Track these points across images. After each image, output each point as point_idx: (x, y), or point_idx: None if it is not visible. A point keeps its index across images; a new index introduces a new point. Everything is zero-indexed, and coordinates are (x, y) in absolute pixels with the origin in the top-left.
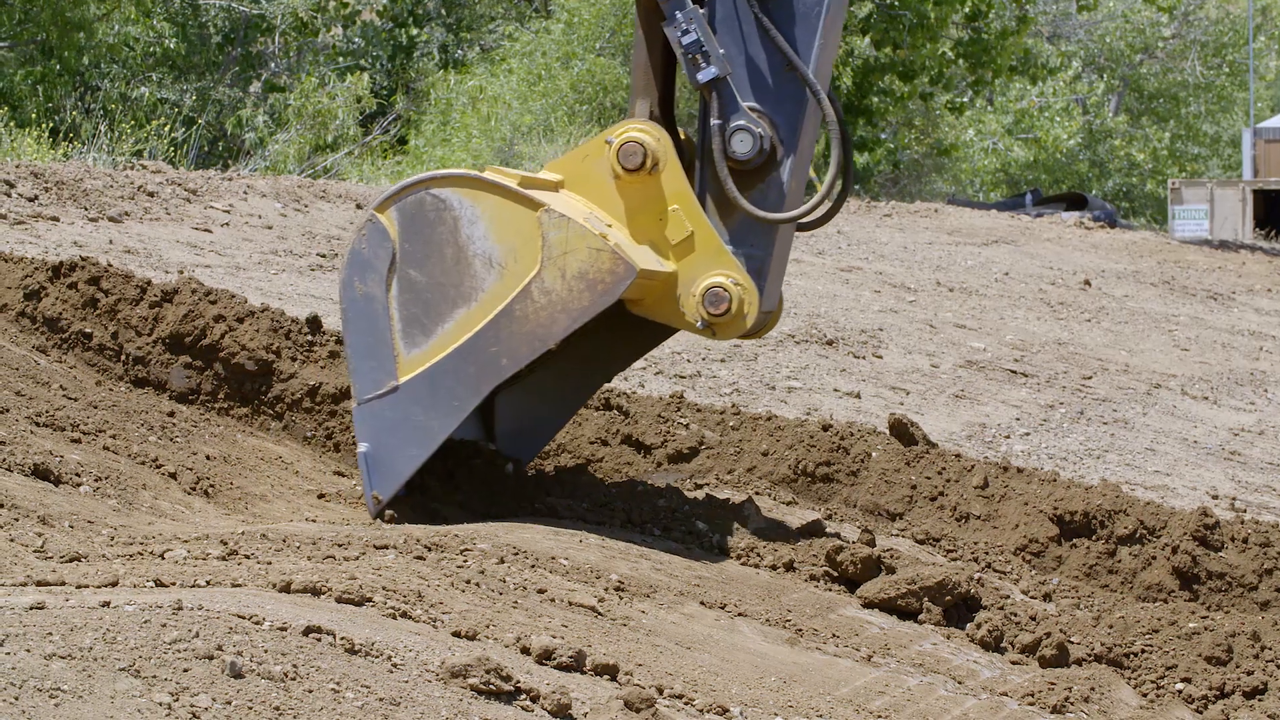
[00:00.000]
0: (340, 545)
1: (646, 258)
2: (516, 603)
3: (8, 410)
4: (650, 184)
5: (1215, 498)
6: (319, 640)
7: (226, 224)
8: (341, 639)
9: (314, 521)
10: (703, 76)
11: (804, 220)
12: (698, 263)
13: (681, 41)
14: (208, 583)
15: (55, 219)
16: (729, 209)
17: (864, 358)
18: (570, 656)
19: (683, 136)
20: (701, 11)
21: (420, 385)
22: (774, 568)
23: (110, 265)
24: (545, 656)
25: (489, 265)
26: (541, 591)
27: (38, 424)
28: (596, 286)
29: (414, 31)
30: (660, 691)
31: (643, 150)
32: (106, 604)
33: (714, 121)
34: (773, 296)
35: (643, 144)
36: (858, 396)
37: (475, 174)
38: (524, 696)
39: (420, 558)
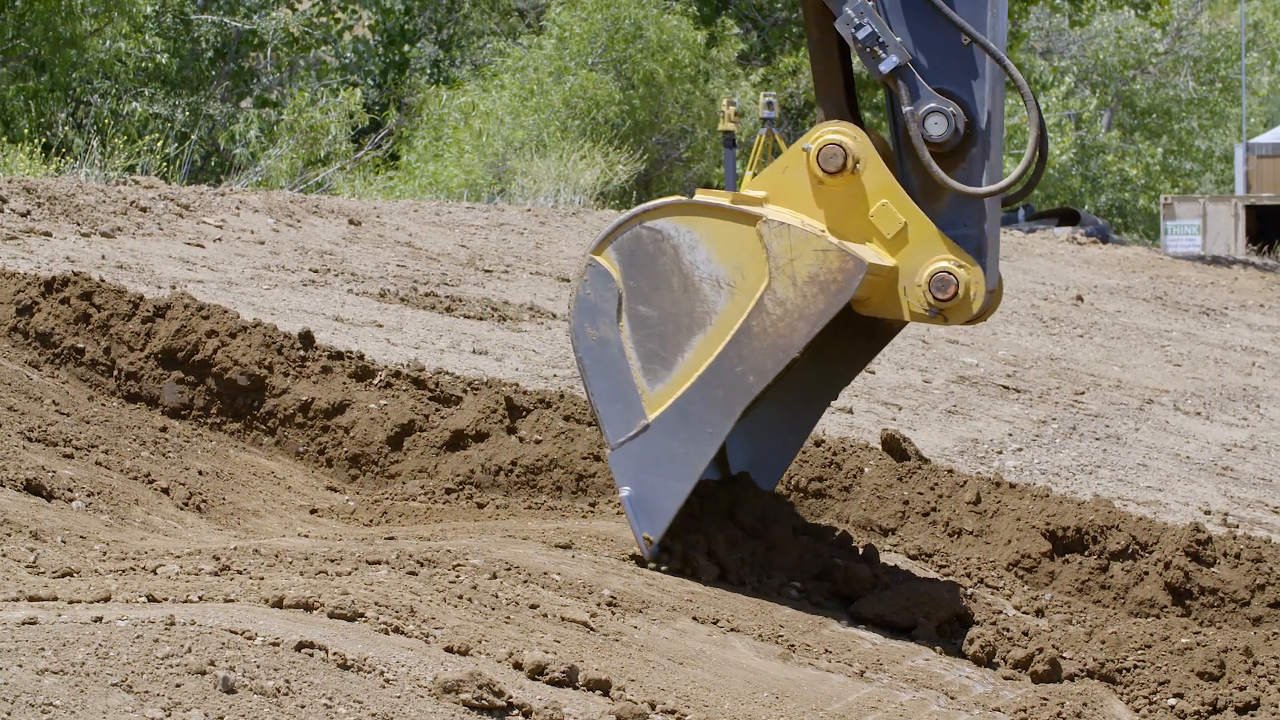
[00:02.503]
0: (333, 560)
1: (869, 253)
2: (509, 618)
3: (0, 426)
4: (854, 183)
5: (1208, 513)
6: (311, 655)
7: (219, 239)
8: (334, 654)
9: (306, 537)
10: (885, 67)
11: (1010, 193)
12: (917, 252)
13: (857, 36)
14: (200, 598)
15: (48, 234)
16: (935, 194)
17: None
18: (563, 672)
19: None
20: (870, 3)
21: (672, 418)
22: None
23: (103, 280)
24: (538, 672)
25: (717, 287)
26: (534, 607)
27: (30, 439)
28: (830, 287)
29: (406, 47)
30: (653, 707)
31: (842, 151)
32: (99, 619)
33: (905, 109)
34: (994, 274)
35: (841, 144)
36: (850, 412)
37: (685, 199)
38: (516, 712)
39: (413, 573)
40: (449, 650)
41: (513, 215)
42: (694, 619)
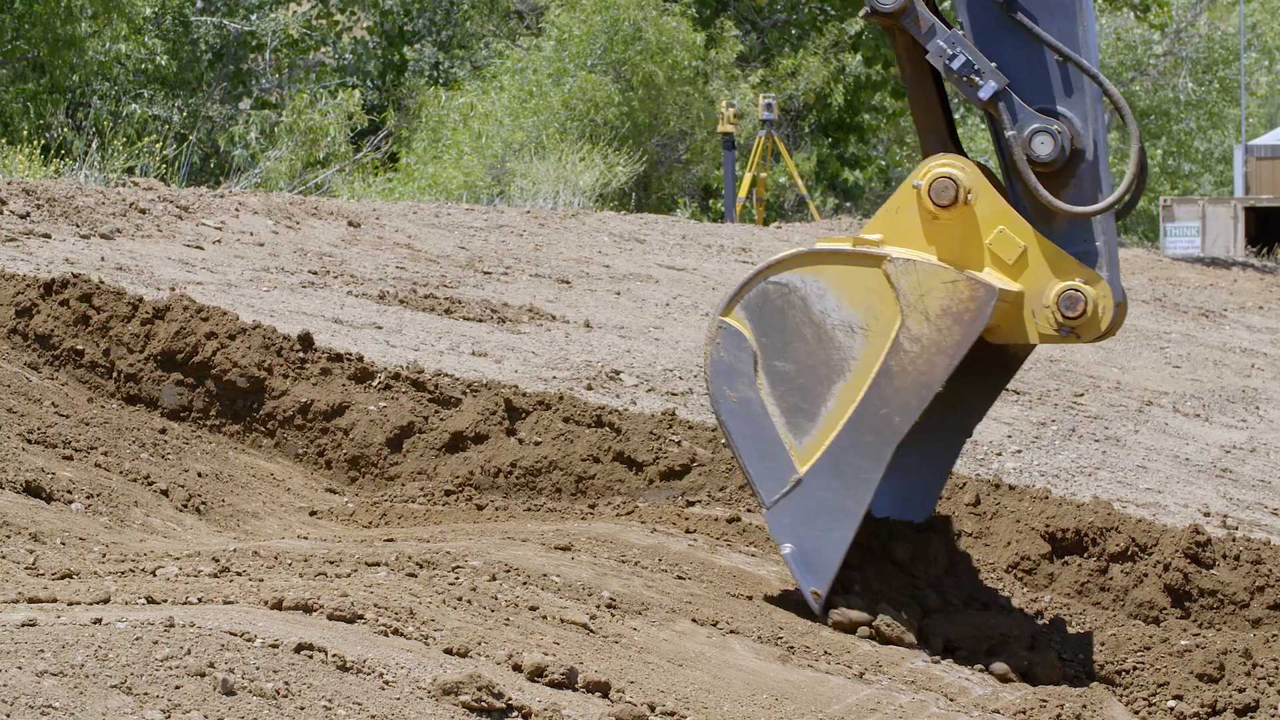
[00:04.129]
0: (332, 562)
1: (996, 280)
2: (508, 620)
3: (0, 427)
4: (969, 214)
5: (1207, 515)
6: (311, 657)
7: (218, 241)
8: (333, 656)
9: (306, 539)
10: (984, 94)
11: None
12: (1040, 273)
13: (952, 66)
14: (199, 600)
15: (47, 236)
16: (1049, 215)
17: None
18: (562, 674)
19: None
20: (960, 31)
21: (823, 469)
22: None
23: (102, 282)
24: (537, 674)
25: (851, 332)
26: (533, 609)
27: (29, 441)
28: (963, 317)
29: (405, 49)
30: (652, 709)
31: (953, 183)
32: (98, 621)
33: (1009, 134)
34: (1118, 287)
35: (951, 177)
36: None
37: (806, 250)
38: (516, 714)
39: (412, 575)
40: (448, 652)
41: (512, 217)
42: (693, 621)
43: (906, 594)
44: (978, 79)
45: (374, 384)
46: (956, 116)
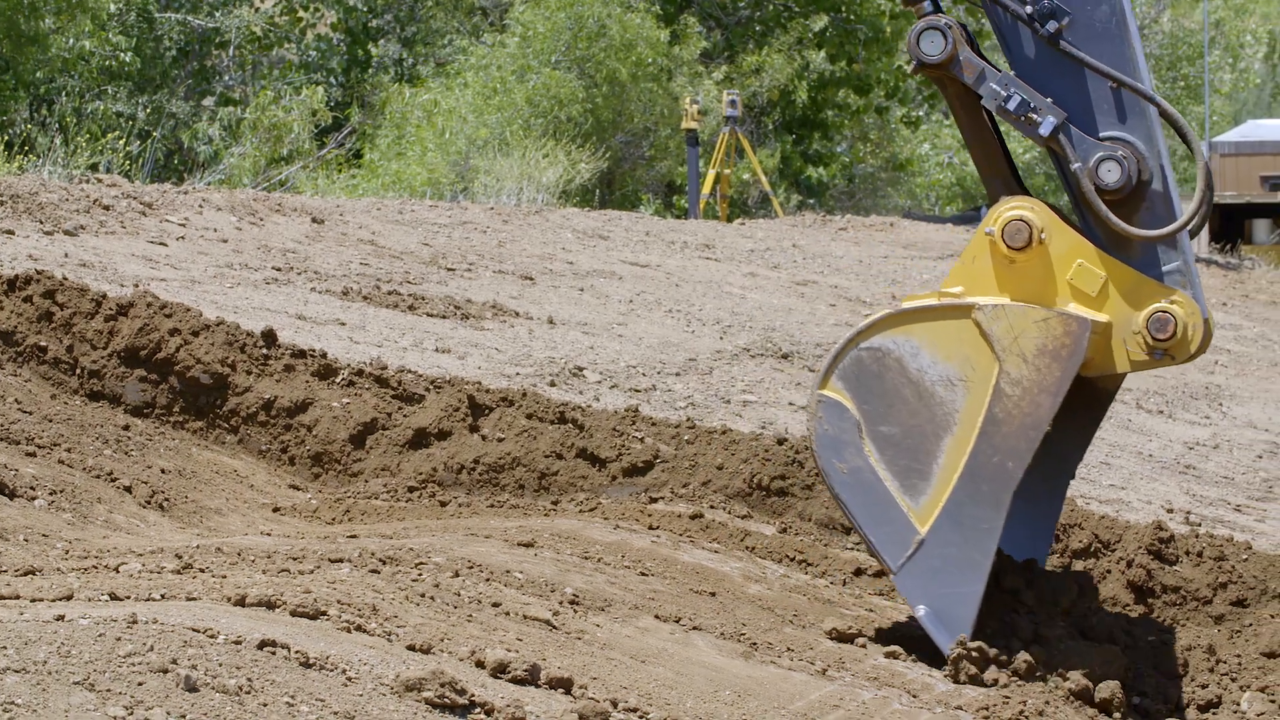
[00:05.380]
0: (295, 559)
1: (1085, 312)
2: (471, 616)
3: None
4: (1044, 253)
5: (1170, 511)
6: (274, 653)
7: (182, 237)
8: (296, 652)
9: (269, 535)
10: (1044, 130)
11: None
12: (1125, 301)
13: (1008, 108)
14: (162, 596)
15: (10, 232)
16: (1125, 242)
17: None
18: (525, 670)
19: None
20: (1011, 71)
21: (944, 526)
22: None
23: (65, 279)
24: (500, 670)
25: (951, 386)
26: (496, 605)
27: None
28: (1061, 354)
29: (369, 45)
30: (615, 705)
31: (1026, 225)
32: (61, 618)
33: (1074, 166)
34: (1203, 304)
35: (1022, 219)
36: None
37: (893, 311)
38: (478, 710)
39: (375, 571)
40: (411, 648)
41: (476, 213)
42: (656, 617)
43: (1029, 630)
44: (1035, 116)
45: (337, 380)
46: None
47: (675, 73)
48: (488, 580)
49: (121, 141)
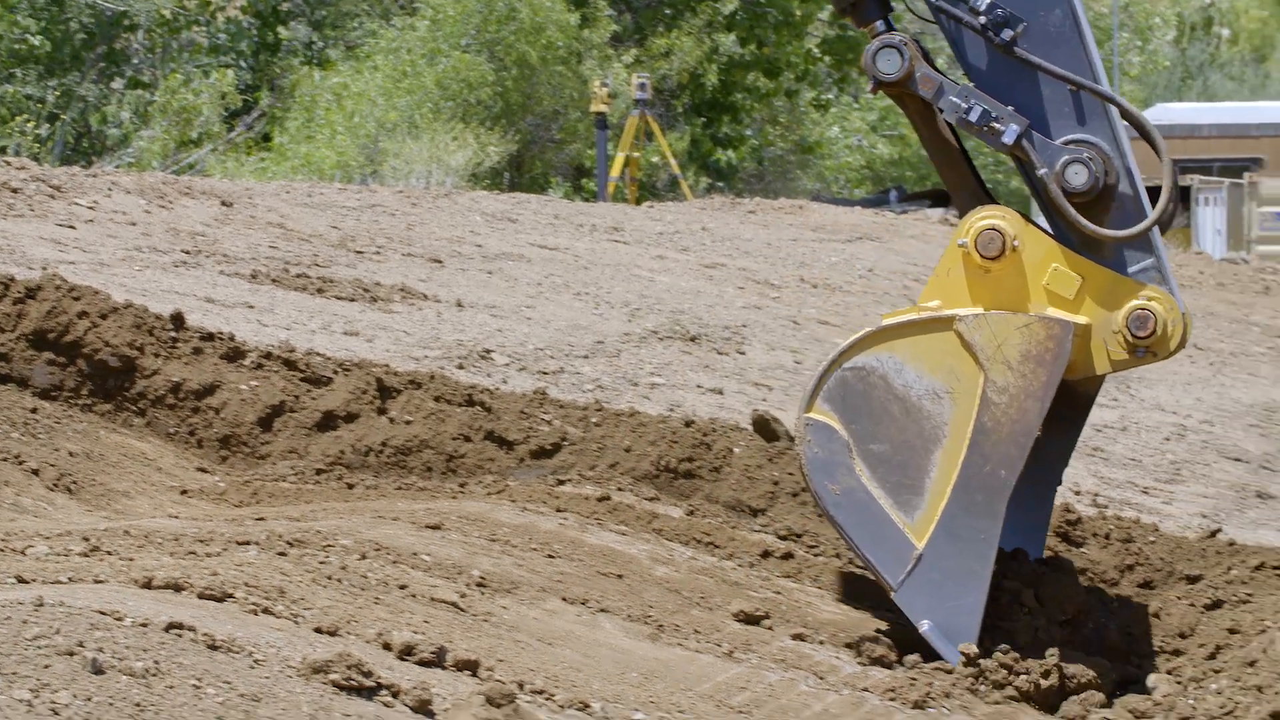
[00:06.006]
0: (202, 541)
1: (1065, 315)
2: (378, 599)
3: None
4: (1018, 261)
5: (1078, 493)
6: (180, 636)
7: (91, 220)
8: (203, 635)
9: (176, 518)
10: (1008, 138)
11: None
12: (1103, 302)
13: (970, 119)
14: (69, 579)
15: None
16: (1097, 243)
17: (727, 354)
18: (431, 652)
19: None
20: (969, 84)
21: (941, 539)
22: None
23: None
24: (406, 652)
25: (937, 399)
26: (403, 587)
27: None
28: (1045, 358)
29: (279, 28)
30: (521, 687)
31: (998, 234)
32: None
33: (1041, 172)
34: (1180, 299)
35: (994, 227)
36: (720, 393)
37: (874, 329)
38: (385, 692)
39: (282, 554)
40: (318, 631)
41: (385, 197)
42: (563, 599)
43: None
44: (998, 125)
45: (245, 363)
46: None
47: (585, 56)
48: (395, 562)
49: (30, 124)
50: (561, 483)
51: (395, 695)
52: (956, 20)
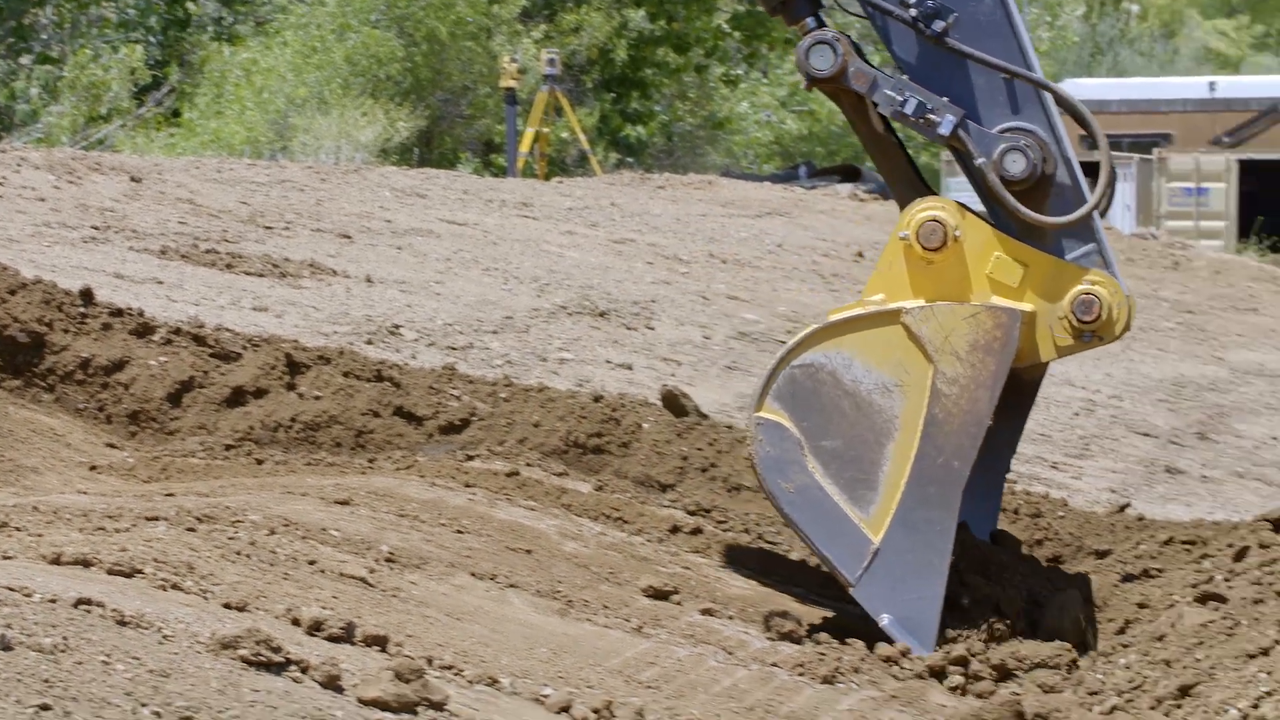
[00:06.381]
0: (111, 517)
1: (1011, 304)
2: (287, 574)
3: None
4: (960, 250)
5: None
6: (89, 612)
7: None
8: (112, 611)
9: (85, 494)
10: (944, 129)
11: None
12: (1047, 288)
13: (905, 112)
14: None
15: None
16: (1039, 231)
17: (636, 329)
18: (340, 628)
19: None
20: (903, 76)
21: (898, 533)
22: None
23: None
24: (315, 628)
25: (887, 393)
26: (312, 563)
27: None
28: (994, 347)
29: (188, 3)
30: (430, 662)
31: (939, 224)
32: None
33: (979, 161)
34: (1123, 281)
35: (935, 218)
36: (629, 368)
37: (820, 326)
38: (294, 668)
39: (191, 529)
40: (227, 606)
41: (294, 172)
42: (472, 575)
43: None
44: (934, 117)
45: (155, 339)
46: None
47: (494, 31)
48: (304, 538)
49: None
50: (470, 458)
51: (304, 671)
52: (887, 14)
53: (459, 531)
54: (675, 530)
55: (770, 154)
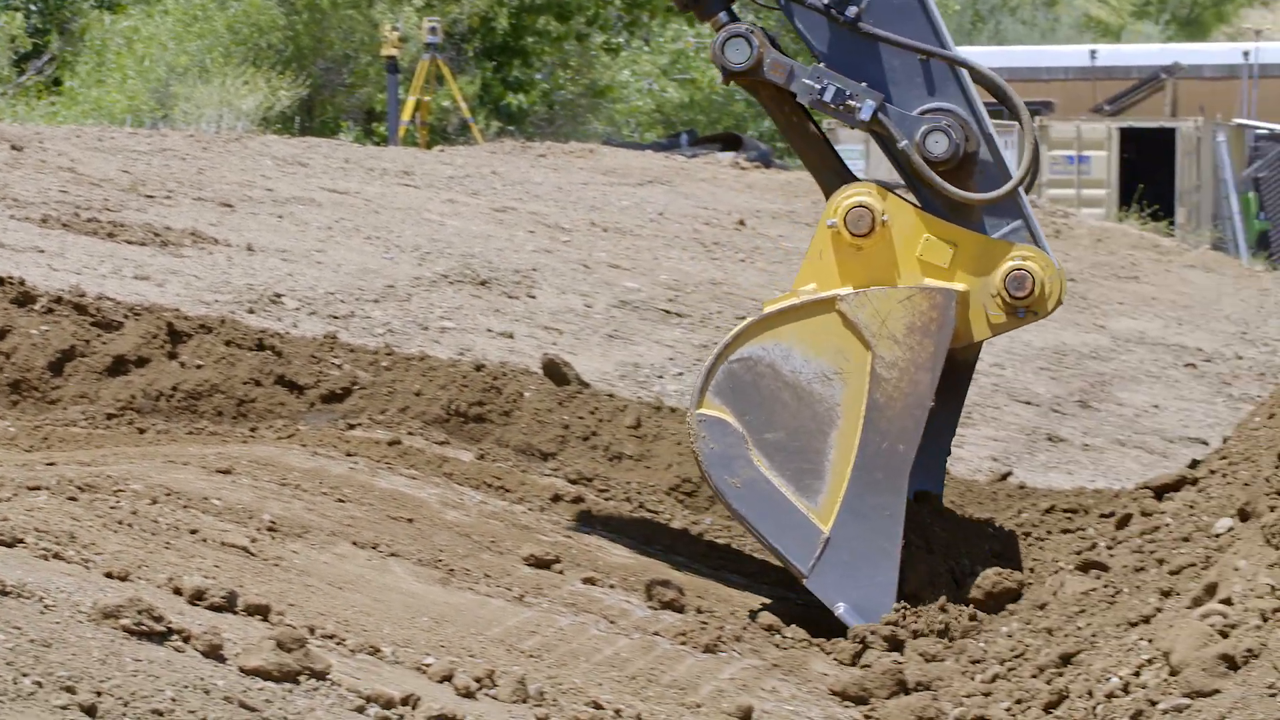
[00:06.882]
0: None
1: (944, 285)
2: (169, 543)
3: None
4: (888, 234)
5: None
6: None
7: None
8: None
9: None
10: (864, 115)
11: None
12: (978, 266)
13: (825, 100)
14: None
15: None
16: (966, 210)
17: (517, 298)
18: (222, 597)
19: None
20: (820, 65)
21: (847, 520)
22: None
23: None
24: (197, 597)
25: (827, 381)
26: (194, 532)
27: None
28: (931, 328)
29: None
30: (312, 632)
31: (866, 210)
32: None
33: (901, 144)
34: (1054, 256)
35: (862, 204)
36: (511, 337)
37: (756, 319)
38: (176, 637)
39: (73, 499)
40: (109, 576)
41: (176, 141)
42: (354, 544)
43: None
44: (853, 103)
45: (36, 308)
46: None
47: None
48: (186, 507)
49: None
50: (352, 427)
51: (186, 640)
52: (800, 3)
53: (340, 500)
54: (557, 499)
55: (652, 122)
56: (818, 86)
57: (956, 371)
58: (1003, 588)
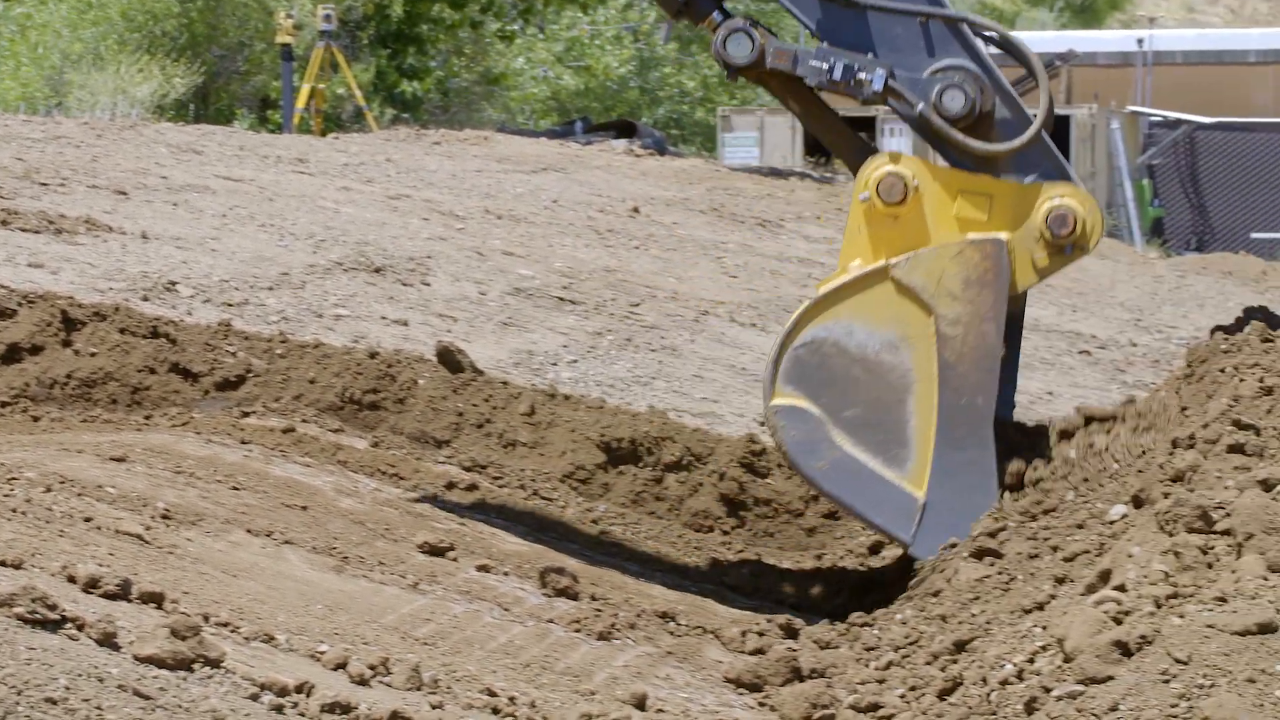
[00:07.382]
0: None
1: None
2: (63, 531)
3: None
4: (922, 199)
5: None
6: None
7: None
8: None
9: None
10: (877, 85)
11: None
12: (1017, 214)
13: (834, 78)
14: None
15: None
16: (994, 161)
17: (412, 285)
18: (117, 585)
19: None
20: (823, 45)
21: (940, 482)
22: None
23: None
24: (91, 585)
25: (895, 349)
26: (88, 520)
27: None
28: (986, 278)
29: None
30: (206, 619)
31: (897, 178)
32: None
33: (919, 108)
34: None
35: (890, 173)
36: (405, 324)
37: (813, 301)
38: (70, 625)
39: None
40: (2, 564)
41: (70, 128)
42: (248, 531)
43: None
44: (863, 76)
45: None
46: None
47: None
48: (80, 495)
49: None
50: (246, 414)
51: (80, 628)
52: None
53: (235, 488)
54: (451, 486)
55: (547, 110)
56: (825, 66)
57: (1009, 323)
58: None
